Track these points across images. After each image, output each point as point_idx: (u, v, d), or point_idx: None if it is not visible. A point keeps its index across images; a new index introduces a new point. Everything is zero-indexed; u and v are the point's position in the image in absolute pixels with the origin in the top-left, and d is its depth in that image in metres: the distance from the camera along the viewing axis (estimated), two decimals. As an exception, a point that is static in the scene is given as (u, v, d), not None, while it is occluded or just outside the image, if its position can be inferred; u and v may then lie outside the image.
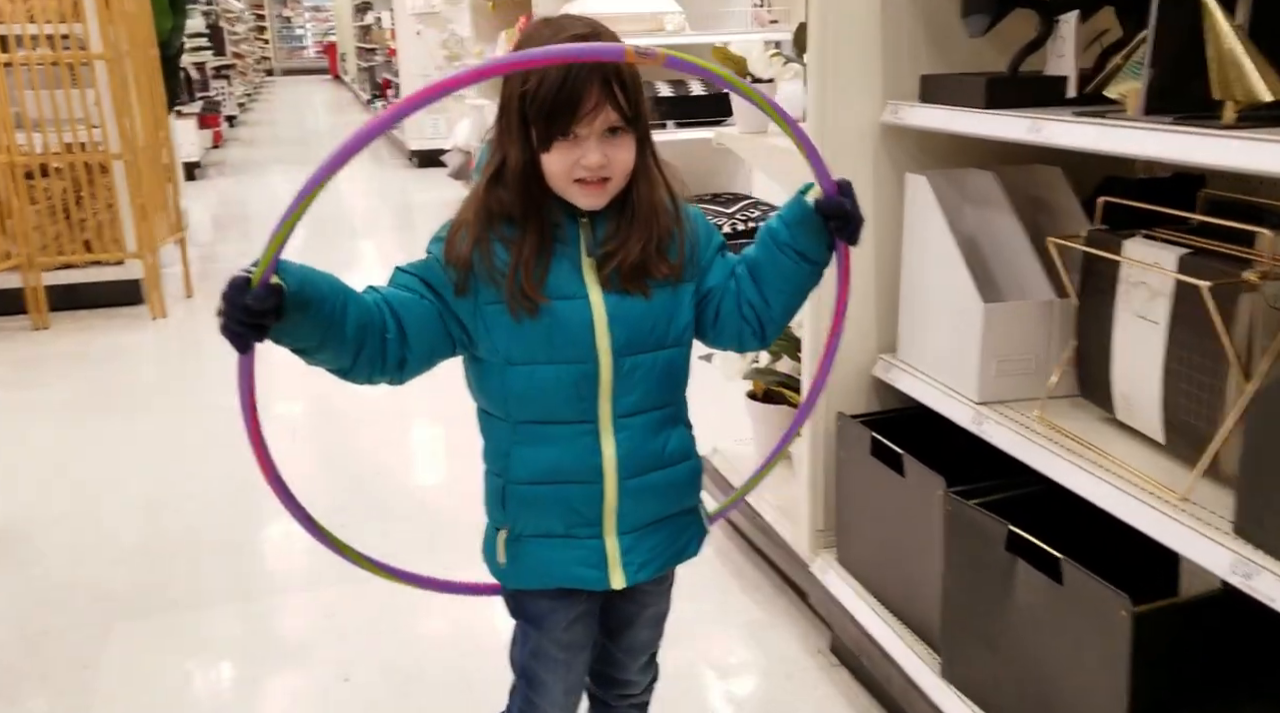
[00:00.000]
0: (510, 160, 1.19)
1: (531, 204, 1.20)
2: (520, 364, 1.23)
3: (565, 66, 1.12)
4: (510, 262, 1.19)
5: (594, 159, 1.16)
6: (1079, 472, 1.41)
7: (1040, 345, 1.64)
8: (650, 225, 1.23)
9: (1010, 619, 1.49)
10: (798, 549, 2.08)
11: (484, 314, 1.21)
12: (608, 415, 1.25)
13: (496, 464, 1.30)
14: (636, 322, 1.24)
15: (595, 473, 1.25)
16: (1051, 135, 1.43)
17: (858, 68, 1.81)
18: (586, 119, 1.14)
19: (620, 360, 1.23)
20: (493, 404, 1.28)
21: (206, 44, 11.63)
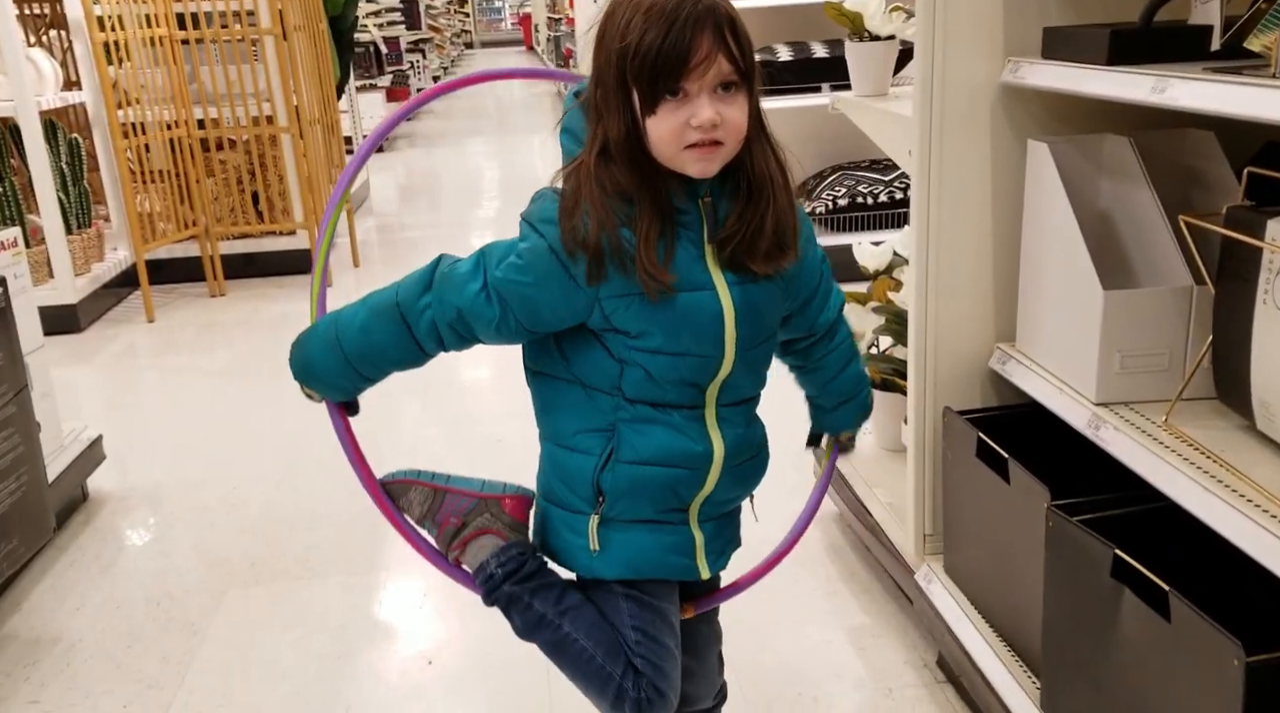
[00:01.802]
0: (613, 132, 1.09)
1: (644, 180, 1.10)
2: (643, 350, 1.16)
3: (670, 14, 1.03)
4: (636, 240, 1.10)
5: (707, 115, 1.05)
6: (1204, 493, 1.20)
7: (1173, 339, 1.42)
8: (772, 199, 1.15)
9: (1114, 653, 1.30)
10: (905, 554, 1.91)
11: (604, 304, 1.14)
12: (713, 403, 1.21)
13: (587, 442, 1.22)
14: (760, 313, 1.19)
15: (705, 459, 1.21)
16: (1177, 96, 1.21)
17: (974, 19, 1.61)
18: (698, 71, 1.04)
19: (743, 354, 1.19)
20: (595, 376, 1.20)
21: (400, 18, 12.07)
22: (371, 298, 1.22)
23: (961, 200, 1.68)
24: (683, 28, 1.02)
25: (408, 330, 1.20)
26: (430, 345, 1.21)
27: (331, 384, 1.26)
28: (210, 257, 4.70)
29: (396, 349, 1.21)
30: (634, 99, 1.07)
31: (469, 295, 1.16)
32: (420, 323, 1.19)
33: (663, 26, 1.02)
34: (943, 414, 1.74)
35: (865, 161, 4.14)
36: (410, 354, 1.22)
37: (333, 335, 1.22)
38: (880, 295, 2.06)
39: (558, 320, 1.17)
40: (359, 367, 1.23)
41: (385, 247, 5.76)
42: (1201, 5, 1.37)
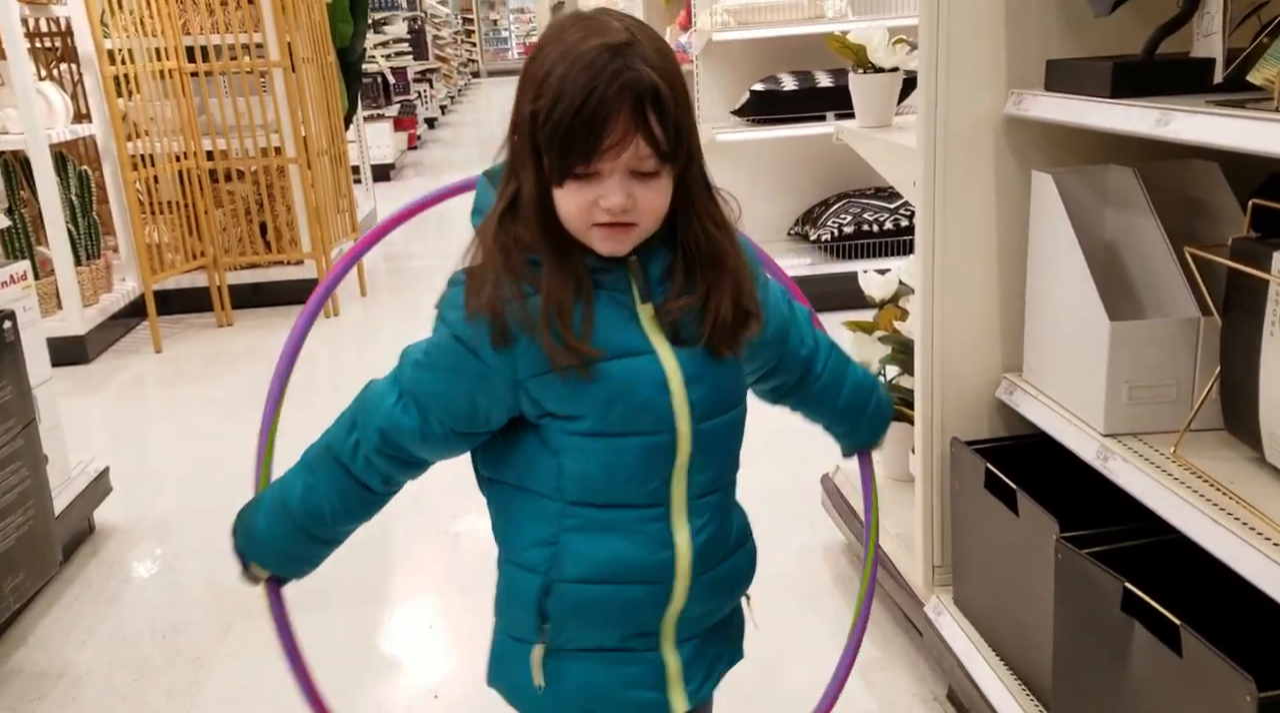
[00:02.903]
0: (526, 187, 0.97)
1: (553, 239, 0.98)
2: (578, 434, 1.01)
3: (590, 85, 0.89)
4: (541, 306, 0.97)
5: (616, 200, 0.93)
6: (1214, 525, 1.20)
7: (1180, 371, 1.42)
8: (722, 271, 1.02)
9: (1125, 687, 1.29)
10: (914, 585, 1.90)
11: (528, 386, 1.00)
12: (682, 497, 1.03)
13: (533, 556, 1.05)
14: (717, 376, 1.03)
15: (665, 570, 1.03)
16: (1180, 130, 1.22)
17: (977, 52, 1.62)
18: (611, 154, 0.92)
19: (701, 428, 1.02)
20: (536, 478, 1.05)
21: (407, 49, 12.18)
22: (308, 451, 1.11)
23: (966, 231, 1.68)
24: (599, 104, 0.89)
25: (347, 474, 1.07)
26: (375, 482, 1.07)
27: (283, 554, 1.11)
28: (218, 287, 4.72)
29: (343, 497, 1.07)
30: (544, 164, 0.95)
31: (385, 410, 1.04)
32: (355, 461, 1.06)
33: (577, 96, 0.90)
34: (950, 445, 1.73)
35: (870, 189, 4.15)
36: (359, 500, 1.08)
37: (278, 501, 1.10)
38: (886, 325, 2.06)
39: (485, 416, 1.03)
40: (310, 528, 1.09)
41: (393, 275, 5.78)
42: (1203, 38, 1.38)
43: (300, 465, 1.11)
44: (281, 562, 1.13)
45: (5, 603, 2.10)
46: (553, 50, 0.94)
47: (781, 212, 4.46)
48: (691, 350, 1.01)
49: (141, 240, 4.38)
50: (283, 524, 1.09)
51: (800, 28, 3.98)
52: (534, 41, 1.00)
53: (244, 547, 1.13)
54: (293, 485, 1.09)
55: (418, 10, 13.69)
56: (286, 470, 1.12)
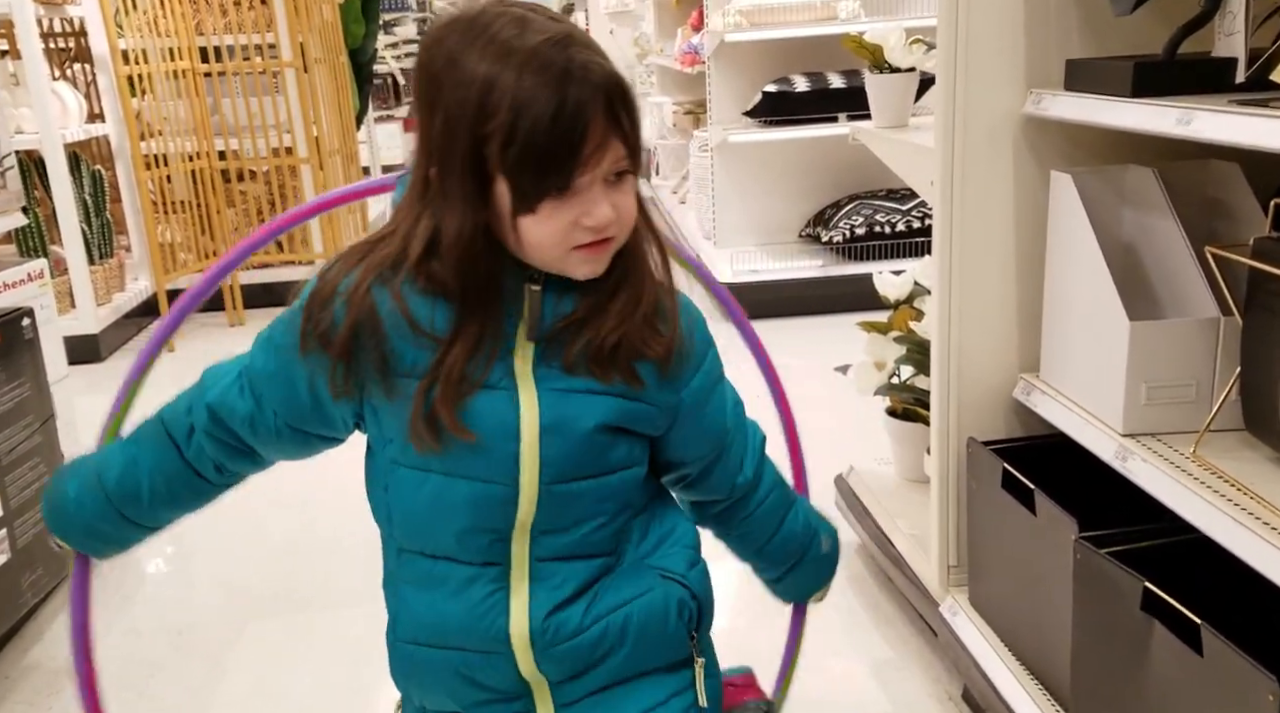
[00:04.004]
0: (449, 231, 0.83)
1: (478, 288, 0.84)
2: (408, 466, 0.90)
3: (558, 91, 0.78)
4: (426, 367, 0.85)
5: (604, 213, 0.83)
6: (1234, 524, 1.19)
7: (1200, 370, 1.41)
8: (642, 288, 0.90)
9: (1146, 688, 1.29)
10: (929, 585, 1.90)
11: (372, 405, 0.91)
12: (524, 559, 0.91)
13: (387, 599, 0.98)
14: (582, 430, 0.89)
15: (498, 639, 0.91)
16: (1201, 129, 1.21)
17: (996, 51, 1.62)
18: (592, 163, 0.81)
19: (552, 488, 0.89)
20: (375, 510, 0.96)
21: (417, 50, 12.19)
22: (136, 428, 1.01)
23: (984, 231, 1.68)
24: (575, 111, 0.79)
25: (177, 453, 0.96)
26: (207, 469, 0.97)
27: (89, 530, 0.99)
28: (230, 286, 4.73)
29: (167, 479, 0.96)
30: (494, 191, 0.82)
31: (221, 387, 0.94)
32: (190, 440, 0.96)
33: (546, 106, 0.78)
34: (967, 445, 1.73)
35: (882, 191, 4.15)
36: (186, 486, 0.97)
37: (93, 471, 0.99)
38: (902, 325, 2.06)
39: (323, 413, 0.92)
40: (124, 507, 0.97)
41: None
42: (1225, 38, 1.38)
43: (128, 438, 1.00)
44: (85, 539, 1.01)
45: (23, 599, 2.11)
46: (478, 56, 0.80)
47: (793, 213, 4.46)
48: (564, 394, 0.88)
49: (154, 240, 4.39)
50: (94, 498, 0.98)
51: (813, 29, 3.98)
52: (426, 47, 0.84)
53: (48, 516, 1.01)
54: (113, 458, 0.99)
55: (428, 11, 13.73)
56: (107, 444, 1.02)
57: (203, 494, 1.00)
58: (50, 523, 1.02)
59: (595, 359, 0.89)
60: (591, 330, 0.88)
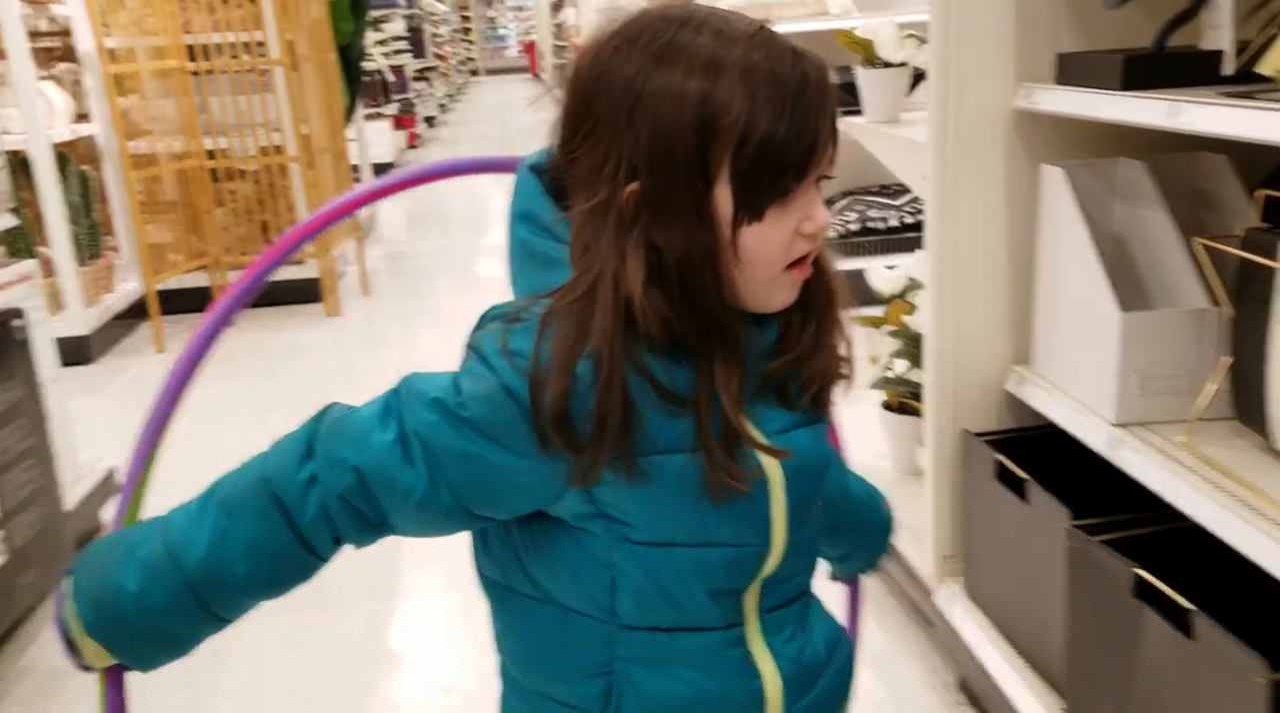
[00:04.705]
0: (676, 248, 0.75)
1: (716, 316, 0.77)
2: (646, 543, 0.80)
3: (792, 85, 0.74)
4: (681, 438, 0.77)
5: (824, 217, 0.78)
6: (1224, 512, 1.21)
7: (1191, 360, 1.43)
8: (835, 311, 0.85)
9: (1138, 673, 1.31)
10: (924, 576, 1.91)
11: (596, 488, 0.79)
12: (754, 612, 0.85)
13: (580, 692, 0.84)
14: (813, 467, 0.85)
15: (754, 703, 0.85)
16: (1192, 121, 1.23)
17: (987, 46, 1.63)
18: (822, 162, 0.77)
19: (796, 534, 0.84)
20: (576, 594, 0.83)
21: (406, 47, 12.18)
22: (220, 486, 0.82)
23: (976, 224, 1.70)
24: (813, 106, 0.75)
25: (286, 521, 0.78)
26: (321, 542, 0.80)
27: (153, 634, 0.80)
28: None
29: (269, 556, 0.79)
30: (713, 202, 0.75)
31: (375, 449, 0.78)
32: (305, 505, 0.78)
33: (784, 102, 0.74)
34: (961, 437, 1.75)
35: (875, 187, 4.17)
36: (292, 563, 0.80)
37: (161, 553, 0.79)
38: (895, 319, 2.08)
39: (513, 500, 0.81)
40: (209, 598, 0.79)
41: (395, 275, 5.79)
42: (1213, 30, 1.40)
43: (207, 503, 0.81)
44: (146, 645, 0.81)
45: (19, 601, 2.11)
46: (685, 65, 0.75)
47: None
48: (788, 435, 0.82)
49: (143, 240, 4.38)
50: (167, 590, 0.78)
51: (805, 24, 3.98)
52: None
53: (92, 620, 0.79)
54: (193, 531, 0.79)
55: (416, 9, 13.70)
56: (173, 510, 0.82)
57: (305, 573, 0.82)
58: (96, 628, 0.80)
59: (806, 392, 0.84)
60: (798, 361, 0.83)
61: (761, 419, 0.82)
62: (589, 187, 0.77)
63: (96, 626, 0.79)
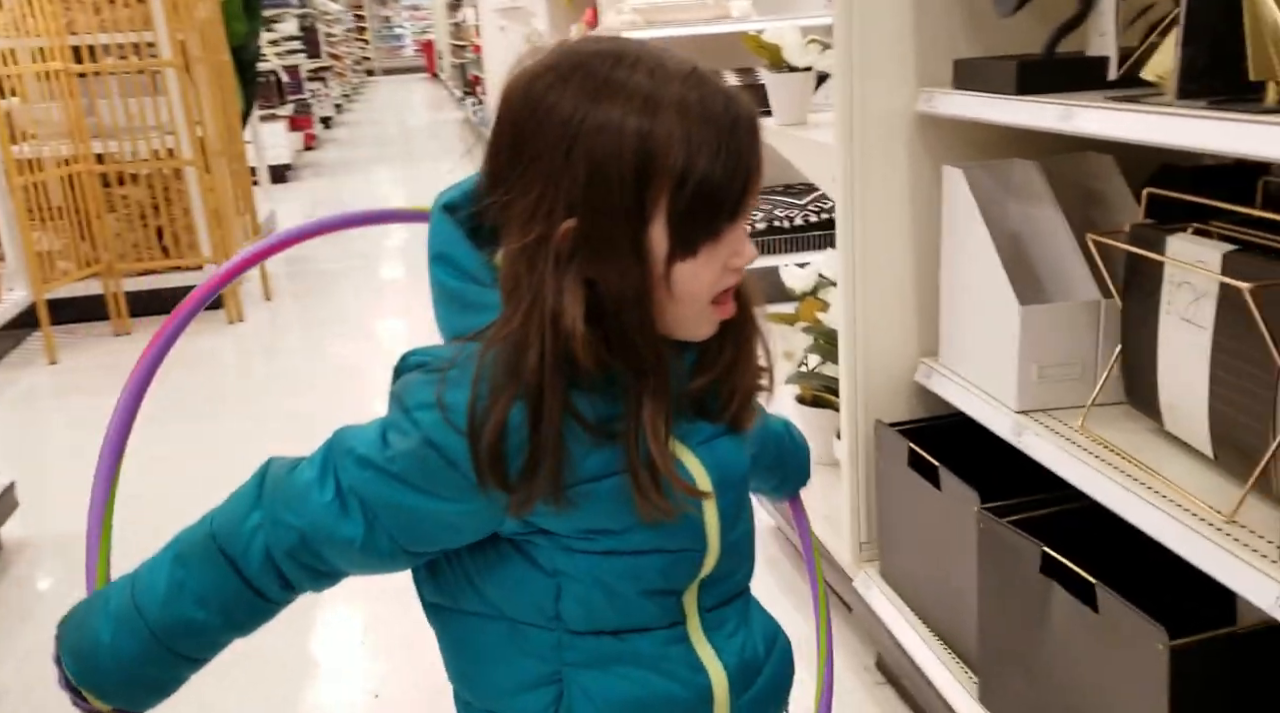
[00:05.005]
0: (614, 284, 0.77)
1: (651, 350, 0.79)
2: (589, 552, 0.83)
3: (725, 125, 0.76)
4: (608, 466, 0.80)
5: (751, 251, 0.82)
6: (1122, 491, 1.29)
7: (1085, 350, 1.52)
8: (752, 331, 0.89)
9: (1047, 646, 1.38)
10: (841, 562, 1.98)
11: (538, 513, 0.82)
12: (694, 611, 0.88)
13: (528, 704, 0.86)
14: (739, 476, 0.89)
15: (703, 699, 0.88)
16: (1083, 124, 1.31)
17: (888, 52, 1.70)
18: (752, 201, 0.80)
19: (729, 535, 0.88)
20: (520, 605, 0.85)
21: (300, 47, 11.92)
22: (178, 539, 0.86)
23: (883, 224, 1.77)
24: (746, 148, 0.78)
25: (235, 573, 0.82)
26: (271, 588, 0.84)
27: (134, 679, 0.84)
28: (114, 294, 4.56)
29: (223, 604, 0.83)
30: (649, 238, 0.77)
31: (314, 510, 0.81)
32: (250, 559, 0.82)
33: (720, 144, 0.76)
34: (875, 427, 1.82)
35: (780, 186, 4.27)
36: (246, 608, 0.84)
37: (128, 604, 0.84)
38: (809, 316, 2.14)
39: (451, 537, 0.84)
40: (175, 643, 0.83)
41: (297, 278, 5.67)
42: (1099, 37, 1.49)
43: (167, 555, 0.85)
44: (131, 689, 0.85)
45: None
46: (622, 102, 0.76)
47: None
48: (711, 445, 0.86)
49: (30, 248, 4.21)
50: (135, 638, 0.83)
51: (708, 27, 4.06)
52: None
53: (76, 670, 0.84)
54: (152, 583, 0.84)
55: (309, 8, 13.40)
56: (142, 563, 0.86)
57: (264, 615, 0.87)
58: (82, 678, 0.84)
59: (727, 408, 0.88)
60: (717, 378, 0.86)
61: (685, 433, 0.85)
62: (523, 223, 0.77)
63: (81, 675, 0.84)
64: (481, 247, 0.83)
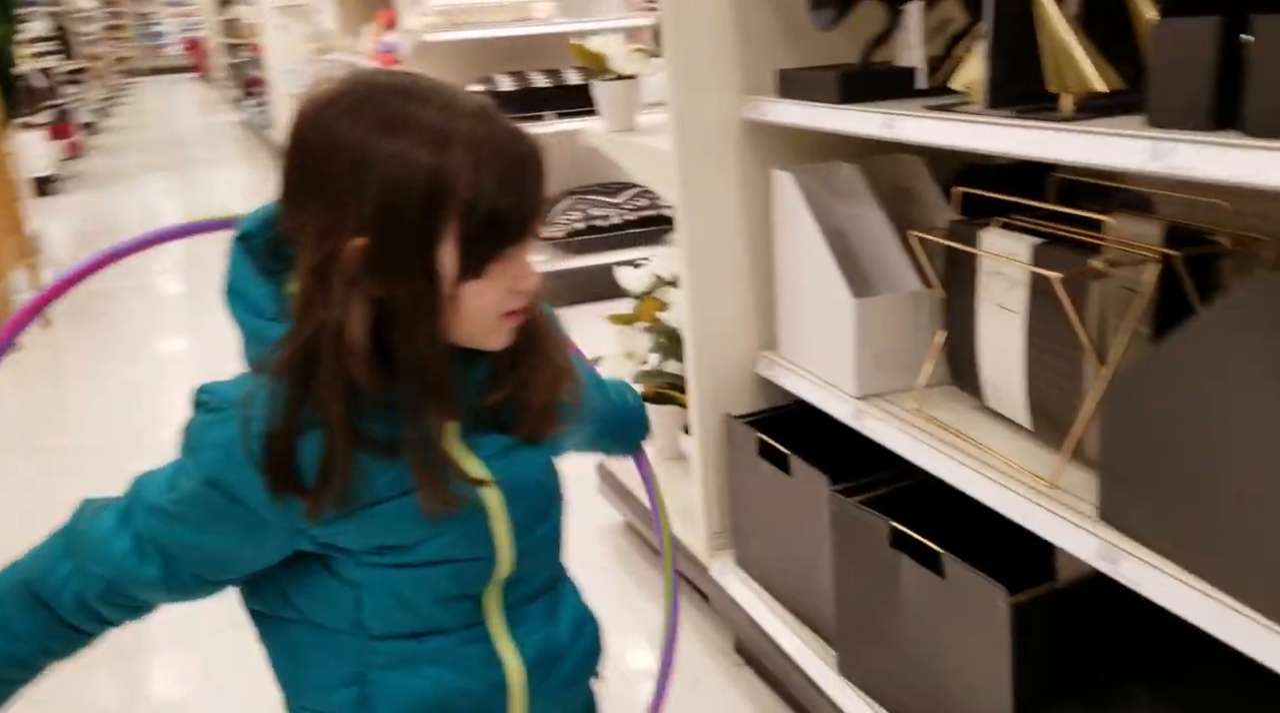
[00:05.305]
0: (406, 300, 0.81)
1: (437, 363, 0.84)
2: (382, 566, 0.89)
3: (512, 155, 0.82)
4: (398, 484, 0.85)
5: (535, 276, 0.87)
6: (953, 463, 1.42)
7: (913, 338, 1.65)
8: (549, 344, 0.95)
9: (899, 614, 1.50)
10: (696, 553, 2.06)
11: (314, 532, 0.87)
12: (496, 610, 0.95)
13: (336, 700, 0.93)
14: (535, 484, 0.97)
15: (497, 692, 0.95)
16: (904, 132, 1.42)
17: (714, 63, 1.78)
18: (540, 228, 0.87)
19: (525, 541, 0.94)
20: (326, 613, 0.92)
21: (53, 48, 11.01)
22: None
23: (719, 226, 1.85)
24: (532, 179, 0.84)
25: (52, 615, 0.88)
26: (89, 624, 0.90)
27: None
28: None
29: (41, 639, 0.89)
30: (438, 260, 0.81)
31: (116, 558, 0.87)
32: (63, 602, 0.88)
33: (508, 176, 0.82)
34: (723, 420, 1.90)
35: (595, 185, 4.33)
36: (63, 641, 0.90)
37: None
38: (648, 316, 2.20)
39: (250, 564, 0.90)
40: (5, 671, 0.90)
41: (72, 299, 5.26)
42: (906, 50, 1.61)
43: None
44: None
45: None
46: (404, 132, 0.80)
47: (505, 210, 4.52)
48: (506, 457, 0.92)
49: None
50: None
51: (512, 29, 4.06)
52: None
53: None
54: None
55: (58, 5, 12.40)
56: None
57: (82, 643, 0.92)
58: None
59: (521, 421, 0.93)
60: (513, 393, 0.92)
61: (478, 446, 0.91)
62: (315, 243, 0.81)
63: None
64: (282, 271, 0.86)
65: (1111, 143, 1.09)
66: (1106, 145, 1.10)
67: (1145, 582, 1.11)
